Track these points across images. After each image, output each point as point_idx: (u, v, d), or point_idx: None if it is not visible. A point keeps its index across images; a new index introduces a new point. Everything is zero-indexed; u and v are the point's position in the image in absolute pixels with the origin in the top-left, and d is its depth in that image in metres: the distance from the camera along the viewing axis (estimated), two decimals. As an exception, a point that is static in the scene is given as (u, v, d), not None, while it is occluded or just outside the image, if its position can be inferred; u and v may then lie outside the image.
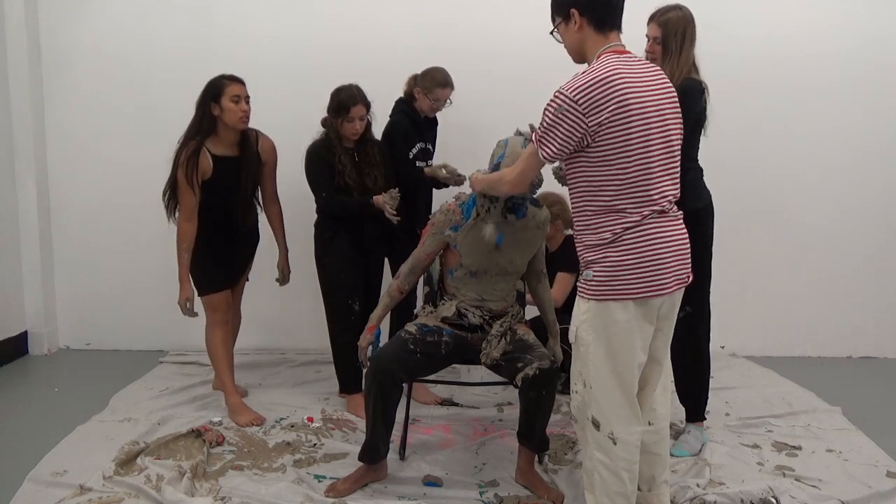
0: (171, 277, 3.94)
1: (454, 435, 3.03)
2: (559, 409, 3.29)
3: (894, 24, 4.00)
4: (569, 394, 3.42)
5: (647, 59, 2.78)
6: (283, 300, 3.92)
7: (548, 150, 1.93)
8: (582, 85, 1.86)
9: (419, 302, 3.01)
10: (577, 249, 2.05)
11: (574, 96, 1.85)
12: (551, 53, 3.87)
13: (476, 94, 3.85)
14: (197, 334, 3.26)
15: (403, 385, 2.56)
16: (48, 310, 4.13)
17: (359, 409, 3.13)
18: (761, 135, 4.07)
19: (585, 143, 1.89)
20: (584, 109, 1.85)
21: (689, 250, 2.04)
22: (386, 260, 3.41)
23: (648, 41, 2.79)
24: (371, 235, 3.21)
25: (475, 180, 2.36)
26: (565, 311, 3.44)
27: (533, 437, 2.53)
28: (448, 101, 3.33)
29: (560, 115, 1.87)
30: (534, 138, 1.97)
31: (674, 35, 2.69)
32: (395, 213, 3.01)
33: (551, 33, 2.09)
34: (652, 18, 2.77)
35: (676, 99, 2.02)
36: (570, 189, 2.03)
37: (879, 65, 4.02)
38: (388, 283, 2.78)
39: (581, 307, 2.00)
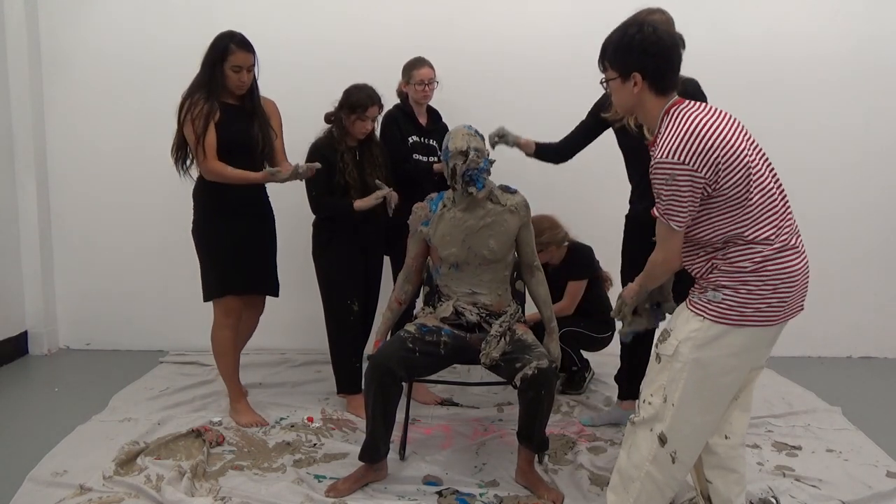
0: (171, 277, 3.98)
1: (454, 435, 3.03)
2: (559, 409, 3.30)
3: (894, 24, 4.00)
4: (569, 394, 3.48)
5: None
6: (283, 300, 3.92)
7: (678, 220, 1.86)
8: (676, 146, 1.82)
9: (419, 303, 3.01)
10: (699, 272, 1.98)
11: (677, 159, 1.81)
12: (550, 53, 3.93)
13: (475, 93, 3.87)
14: (197, 334, 3.26)
15: (403, 384, 2.56)
16: (48, 310, 4.13)
17: (359, 410, 3.13)
18: (760, 134, 3.96)
19: (707, 193, 1.85)
20: (692, 166, 1.81)
21: (808, 279, 2.00)
22: (387, 259, 3.42)
23: None
24: (370, 234, 3.21)
25: (629, 295, 2.19)
26: (575, 314, 3.47)
27: (532, 437, 2.53)
28: (434, 81, 3.33)
29: (673, 183, 1.82)
30: (656, 214, 1.90)
31: None
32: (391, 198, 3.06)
33: (602, 83, 2.01)
34: None
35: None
36: (700, 231, 1.93)
37: (879, 65, 4.02)
38: (388, 282, 2.79)
39: (691, 324, 1.93)
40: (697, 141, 1.82)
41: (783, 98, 4.03)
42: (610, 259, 3.26)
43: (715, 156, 1.82)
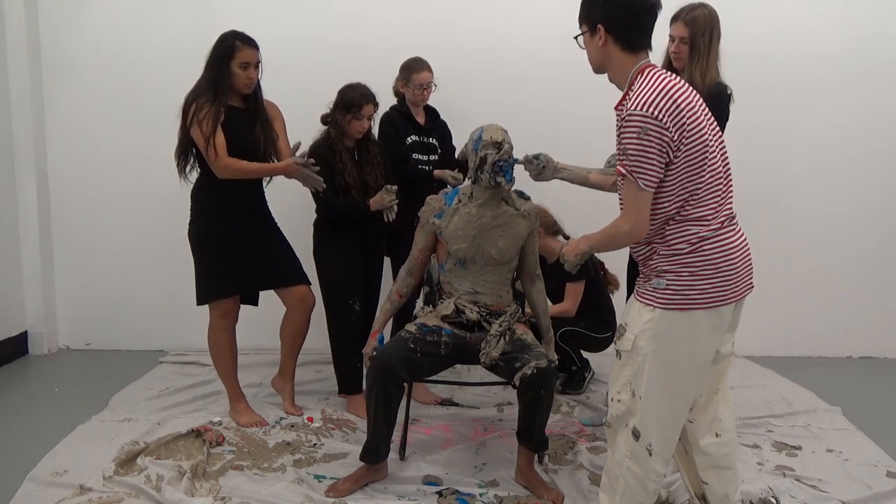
0: (171, 277, 3.97)
1: (454, 435, 3.03)
2: (559, 409, 3.30)
3: (894, 23, 4.00)
4: (569, 394, 3.48)
5: (671, 59, 2.72)
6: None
7: (647, 179, 1.80)
8: (650, 100, 1.79)
9: (419, 303, 3.01)
10: (642, 257, 1.97)
11: (650, 112, 1.77)
12: (552, 52, 3.92)
13: (476, 93, 3.87)
14: (197, 334, 3.25)
15: (405, 385, 2.56)
16: (48, 310, 4.13)
17: (359, 409, 3.14)
18: (760, 133, 4.07)
19: (669, 159, 1.81)
20: (663, 123, 1.78)
21: (750, 255, 1.99)
22: (387, 259, 3.41)
23: (673, 42, 2.70)
24: (371, 234, 3.21)
25: (570, 250, 2.08)
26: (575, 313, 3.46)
27: (532, 436, 2.54)
28: (432, 84, 3.32)
29: (645, 137, 1.78)
30: (624, 172, 1.82)
31: (701, 34, 2.62)
32: (394, 206, 3.04)
33: (575, 38, 2.00)
34: (677, 17, 2.69)
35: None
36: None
37: (879, 62, 4.02)
38: (389, 283, 2.79)
39: (644, 316, 1.92)
40: (669, 100, 1.80)
41: (783, 97, 4.03)
42: (615, 260, 3.26)
43: (683, 120, 1.81)
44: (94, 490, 2.48)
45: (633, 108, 1.80)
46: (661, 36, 2.71)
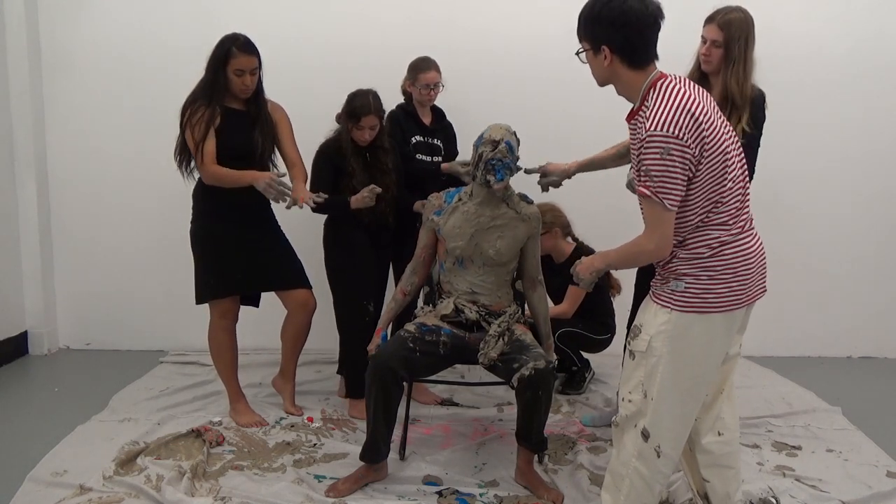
0: (171, 277, 3.97)
1: (454, 435, 3.03)
2: (559, 409, 3.30)
3: (894, 24, 4.00)
4: (569, 394, 3.48)
5: (700, 62, 2.65)
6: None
7: (672, 199, 1.79)
8: (670, 118, 1.76)
9: (419, 303, 3.01)
10: (661, 260, 1.95)
11: (671, 132, 1.76)
12: (553, 52, 3.92)
13: (476, 93, 3.87)
14: (197, 334, 3.25)
15: (404, 384, 2.56)
16: (48, 310, 4.13)
17: (363, 414, 3.12)
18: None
19: (692, 173, 1.81)
20: (684, 141, 1.76)
21: (765, 261, 1.99)
22: (391, 265, 3.39)
23: (704, 43, 2.62)
24: (380, 237, 3.18)
25: (584, 269, 2.06)
26: (574, 315, 3.46)
27: (531, 437, 2.54)
28: (439, 85, 3.29)
29: (668, 157, 1.77)
30: (648, 194, 1.80)
31: (737, 40, 2.53)
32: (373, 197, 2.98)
33: (577, 54, 1.97)
34: (711, 19, 2.61)
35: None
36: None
37: (879, 62, 4.02)
38: (391, 283, 2.78)
39: (660, 317, 1.92)
40: (688, 114, 1.78)
41: (782, 97, 3.97)
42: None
43: (703, 133, 1.79)
44: (94, 490, 2.48)
45: (652, 128, 1.78)
46: (684, 36, 2.65)
